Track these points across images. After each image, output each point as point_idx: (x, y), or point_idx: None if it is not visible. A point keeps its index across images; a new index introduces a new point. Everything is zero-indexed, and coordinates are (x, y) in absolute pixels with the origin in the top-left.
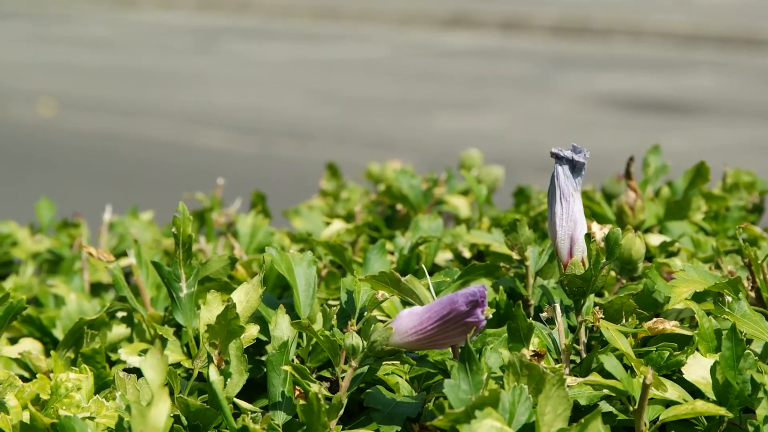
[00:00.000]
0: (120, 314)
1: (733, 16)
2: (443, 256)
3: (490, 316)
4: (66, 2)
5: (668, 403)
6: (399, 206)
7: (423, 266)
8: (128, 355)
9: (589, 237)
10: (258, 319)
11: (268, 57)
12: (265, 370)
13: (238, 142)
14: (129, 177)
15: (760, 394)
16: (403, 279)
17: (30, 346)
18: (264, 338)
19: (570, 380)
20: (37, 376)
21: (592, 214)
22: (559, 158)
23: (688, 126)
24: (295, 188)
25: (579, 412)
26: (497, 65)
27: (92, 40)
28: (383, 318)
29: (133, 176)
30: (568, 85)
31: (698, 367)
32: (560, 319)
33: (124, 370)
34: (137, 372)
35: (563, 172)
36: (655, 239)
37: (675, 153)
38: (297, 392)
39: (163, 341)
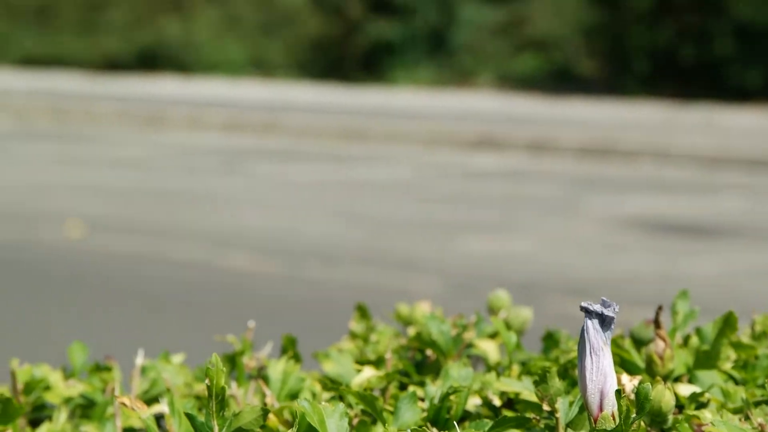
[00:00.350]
0: None
1: (759, 138)
2: (473, 402)
3: None
4: (96, 123)
5: None
6: (429, 351)
7: (455, 423)
8: None
9: (619, 393)
10: None
11: (295, 177)
12: None
13: (265, 264)
14: (157, 300)
15: None
16: None
17: None
18: None
19: None
20: None
21: (621, 362)
22: (588, 312)
23: (717, 249)
24: (322, 310)
25: None
26: (524, 187)
27: (121, 161)
28: None
29: (162, 299)
30: (595, 207)
31: None
32: None
33: None
34: None
35: (593, 326)
36: (685, 389)
37: (703, 276)
38: None
39: None
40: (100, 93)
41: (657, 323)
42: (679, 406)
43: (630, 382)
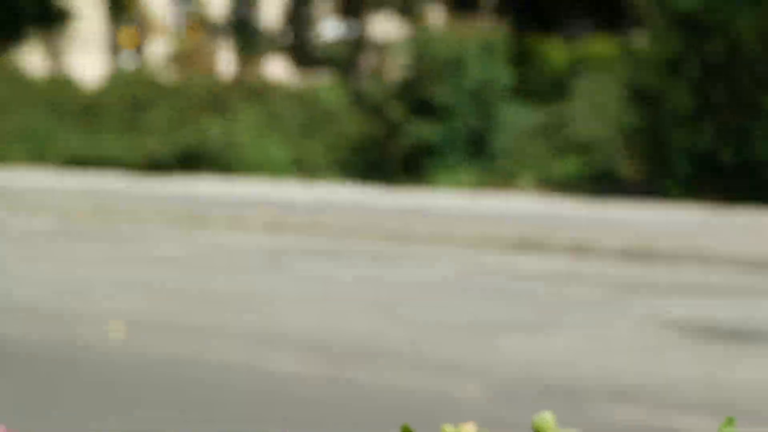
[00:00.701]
0: None
1: None
2: None
3: None
4: (138, 222)
5: None
6: None
7: None
8: None
9: None
10: None
11: (337, 278)
12: None
13: (307, 364)
14: (199, 403)
15: None
16: None
17: None
18: None
19: None
20: None
21: None
22: None
23: (762, 354)
24: (364, 411)
25: None
26: (566, 289)
27: (163, 261)
28: None
29: (203, 402)
30: (638, 310)
31: None
32: None
33: None
34: None
35: None
36: None
37: (749, 382)
38: None
39: None
40: (143, 192)
41: None
42: None
43: None
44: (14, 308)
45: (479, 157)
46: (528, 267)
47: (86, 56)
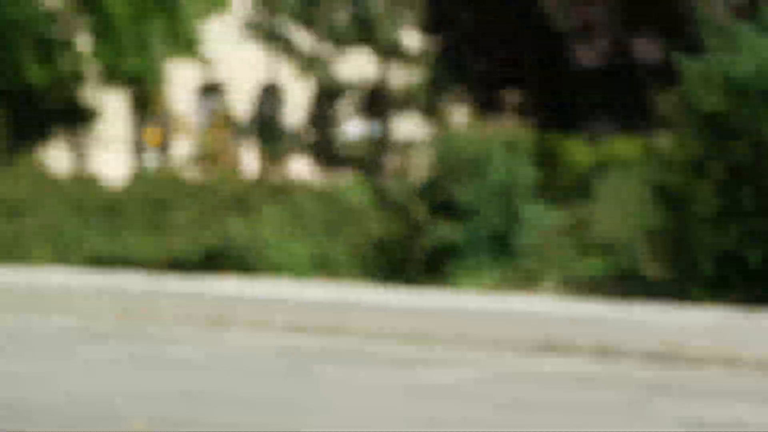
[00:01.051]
0: None
1: None
2: None
3: None
4: (160, 323)
5: None
6: None
7: None
8: None
9: None
10: None
11: (360, 382)
12: None
13: None
14: None
15: None
16: None
17: None
18: None
19: None
20: None
21: None
22: None
23: None
24: None
25: None
26: (590, 392)
27: (184, 362)
28: None
29: None
30: (663, 413)
31: None
32: None
33: None
34: None
35: None
36: None
37: None
38: None
39: None
40: (166, 292)
41: None
42: None
43: None
44: (35, 412)
45: (502, 257)
46: (552, 370)
47: (111, 155)
